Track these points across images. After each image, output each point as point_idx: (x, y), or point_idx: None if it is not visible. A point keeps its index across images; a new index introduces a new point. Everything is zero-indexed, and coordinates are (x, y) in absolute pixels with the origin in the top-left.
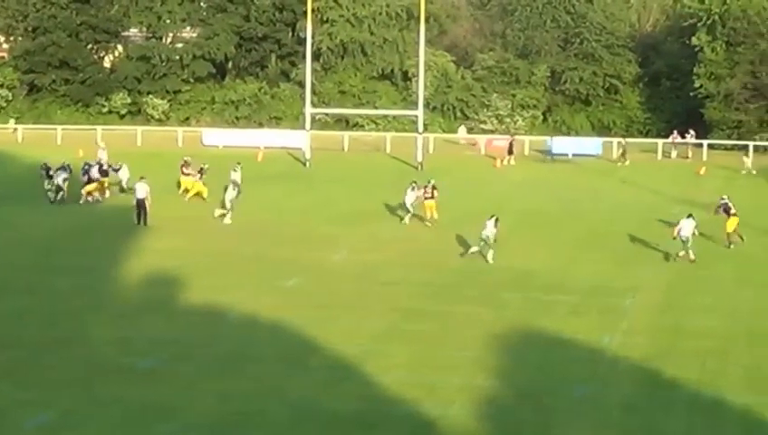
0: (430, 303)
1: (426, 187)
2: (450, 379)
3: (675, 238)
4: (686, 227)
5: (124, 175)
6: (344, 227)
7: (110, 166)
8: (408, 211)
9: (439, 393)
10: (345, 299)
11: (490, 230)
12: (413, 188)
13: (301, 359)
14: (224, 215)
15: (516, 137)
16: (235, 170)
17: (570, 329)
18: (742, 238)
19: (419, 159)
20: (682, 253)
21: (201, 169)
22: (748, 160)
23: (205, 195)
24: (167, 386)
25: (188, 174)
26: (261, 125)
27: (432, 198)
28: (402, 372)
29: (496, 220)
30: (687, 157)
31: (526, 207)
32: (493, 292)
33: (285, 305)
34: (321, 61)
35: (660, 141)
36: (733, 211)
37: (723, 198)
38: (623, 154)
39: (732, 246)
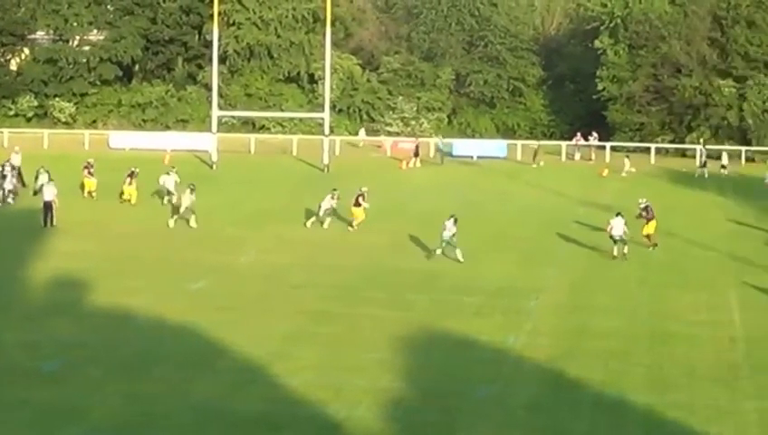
0: (337, 305)
1: (360, 194)
2: (357, 381)
3: (611, 238)
4: (617, 226)
5: (44, 180)
6: (251, 228)
7: (16, 169)
8: (317, 216)
9: (346, 395)
10: (252, 301)
11: (450, 230)
12: (332, 197)
13: (207, 361)
14: (188, 220)
15: (422, 139)
16: (168, 174)
17: (474, 330)
18: (655, 245)
19: (326, 161)
20: (616, 252)
21: (132, 172)
22: (628, 162)
23: (134, 200)
24: (73, 388)
25: (91, 175)
26: (168, 128)
27: (358, 205)
28: (309, 374)
29: (455, 220)
30: (591, 159)
31: (432, 209)
32: (398, 293)
33: (192, 308)
34: (227, 63)
35: (564, 144)
36: (652, 214)
37: (643, 202)
38: (535, 156)
39: (651, 248)
